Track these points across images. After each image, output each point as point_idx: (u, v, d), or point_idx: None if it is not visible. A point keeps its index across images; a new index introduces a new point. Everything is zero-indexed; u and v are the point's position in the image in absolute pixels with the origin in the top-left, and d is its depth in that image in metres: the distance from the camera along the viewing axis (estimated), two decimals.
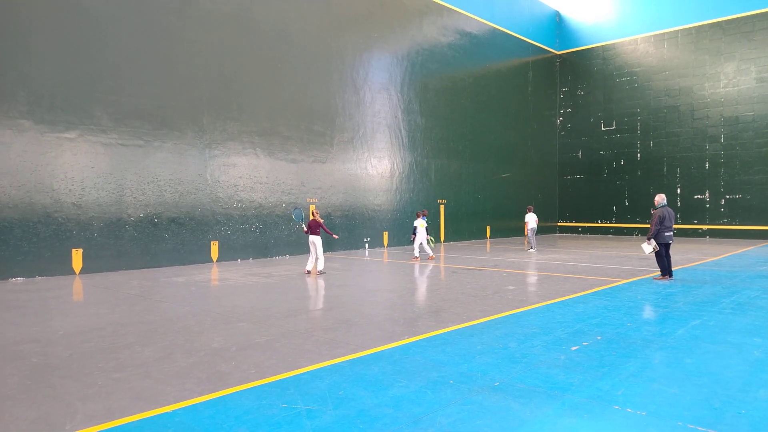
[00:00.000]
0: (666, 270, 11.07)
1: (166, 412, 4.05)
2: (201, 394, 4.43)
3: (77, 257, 12.74)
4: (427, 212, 17.00)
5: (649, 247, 10.90)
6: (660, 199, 11.27)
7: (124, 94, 13.55)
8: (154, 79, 14.09)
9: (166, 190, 14.30)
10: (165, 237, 14.27)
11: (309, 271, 12.54)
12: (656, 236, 10.91)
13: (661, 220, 10.87)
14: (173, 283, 11.23)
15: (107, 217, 13.25)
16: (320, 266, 12.44)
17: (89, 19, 12.95)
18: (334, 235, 13.58)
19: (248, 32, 16.12)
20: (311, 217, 12.64)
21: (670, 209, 11.08)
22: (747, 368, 5.08)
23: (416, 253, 15.94)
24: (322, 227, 12.58)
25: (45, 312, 8.19)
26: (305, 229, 12.63)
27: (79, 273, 12.75)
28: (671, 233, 10.99)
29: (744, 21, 24.59)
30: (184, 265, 14.51)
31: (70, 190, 12.68)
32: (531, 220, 19.20)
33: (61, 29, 12.53)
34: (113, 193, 13.37)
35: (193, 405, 4.20)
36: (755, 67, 24.34)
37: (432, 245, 16.31)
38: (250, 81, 16.20)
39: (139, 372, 5.08)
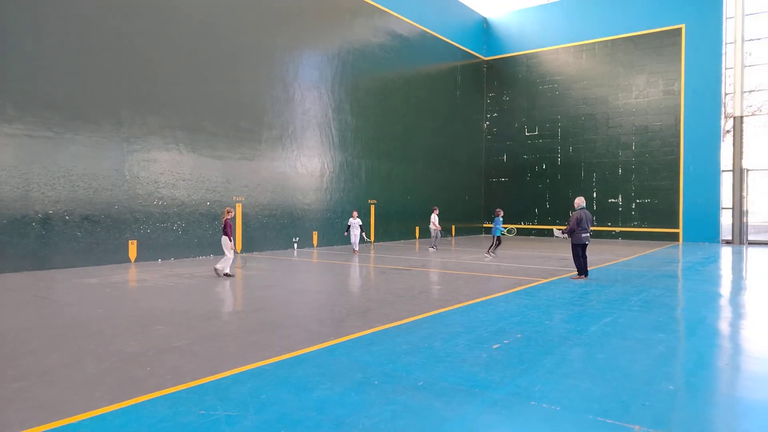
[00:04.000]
0: (582, 269, 11.65)
1: (71, 423, 3.78)
2: (111, 403, 4.17)
3: None
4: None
5: (559, 233, 11.73)
6: (579, 202, 11.85)
7: (31, 81, 12.59)
8: (68, 67, 13.20)
9: (78, 186, 13.43)
10: (77, 235, 13.41)
11: (228, 274, 11.86)
12: (574, 237, 11.47)
13: (578, 222, 11.43)
14: (86, 284, 10.56)
15: (11, 214, 12.27)
16: (224, 266, 11.73)
17: None
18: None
19: (172, 23, 15.45)
20: (225, 217, 11.84)
21: (587, 212, 11.66)
22: (652, 362, 5.42)
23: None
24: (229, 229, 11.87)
25: None
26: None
27: None
28: (588, 234, 11.56)
29: (653, 37, 26.38)
30: (99, 265, 13.69)
31: None
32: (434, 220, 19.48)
33: None
34: (18, 188, 12.40)
35: (101, 414, 3.94)
36: (662, 80, 26.17)
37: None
38: (174, 74, 15.53)
39: (43, 380, 4.72)
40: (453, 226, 28.86)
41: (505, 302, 8.75)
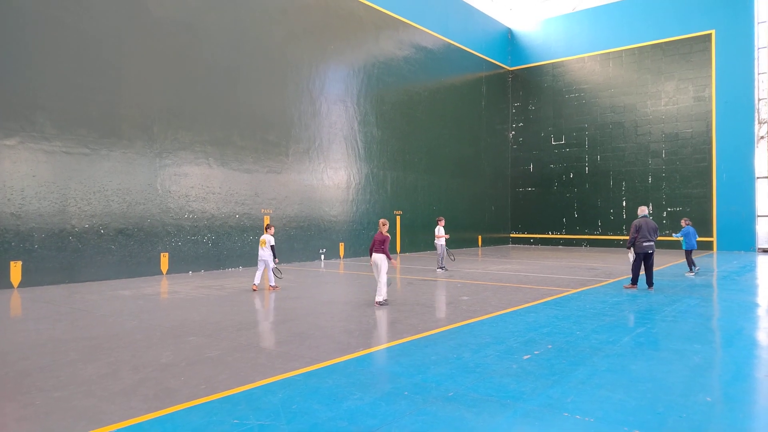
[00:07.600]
0: (636, 279, 11.48)
1: None
2: (147, 412, 4.26)
3: (16, 270, 12.11)
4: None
5: (632, 256, 11.47)
6: (641, 210, 11.68)
7: (69, 100, 13.05)
8: (102, 86, 13.65)
9: (113, 200, 13.81)
10: (111, 249, 13.76)
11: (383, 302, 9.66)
12: (634, 245, 11.30)
13: (637, 230, 11.22)
14: (120, 296, 10.82)
15: (49, 228, 12.68)
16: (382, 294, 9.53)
17: (29, 21, 12.46)
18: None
19: (202, 41, 15.86)
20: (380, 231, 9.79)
21: (649, 220, 11.35)
22: (688, 373, 5.30)
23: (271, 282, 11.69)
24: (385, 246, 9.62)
25: None
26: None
27: (18, 286, 12.12)
28: (649, 243, 11.25)
29: (682, 43, 25.96)
30: (132, 277, 14.01)
31: (9, 199, 12.07)
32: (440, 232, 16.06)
33: None
34: (56, 203, 12.81)
35: (138, 423, 4.04)
36: (693, 87, 25.69)
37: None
38: (204, 90, 15.91)
39: (81, 390, 4.85)
40: (480, 237, 28.70)
41: (535, 313, 8.66)
